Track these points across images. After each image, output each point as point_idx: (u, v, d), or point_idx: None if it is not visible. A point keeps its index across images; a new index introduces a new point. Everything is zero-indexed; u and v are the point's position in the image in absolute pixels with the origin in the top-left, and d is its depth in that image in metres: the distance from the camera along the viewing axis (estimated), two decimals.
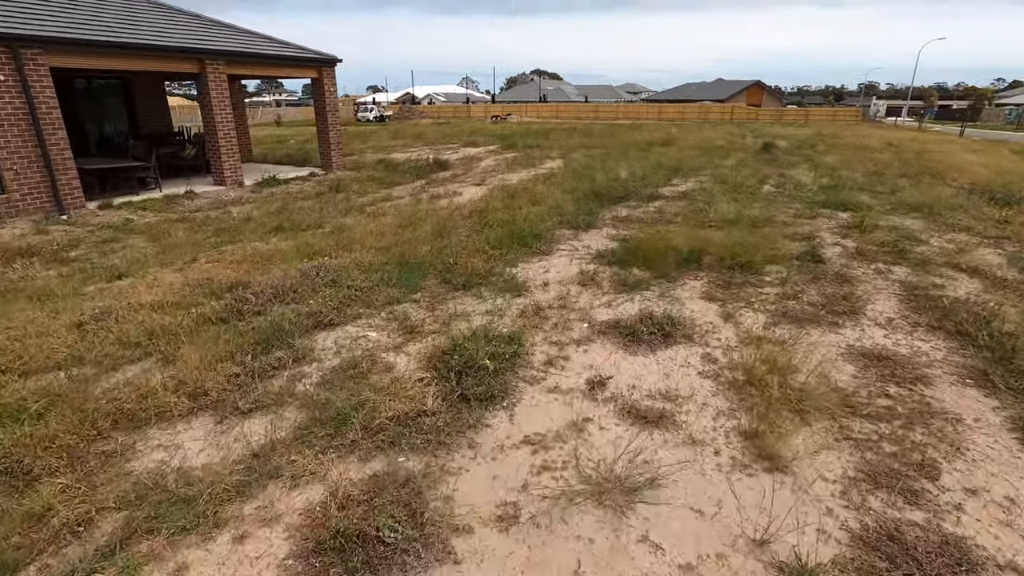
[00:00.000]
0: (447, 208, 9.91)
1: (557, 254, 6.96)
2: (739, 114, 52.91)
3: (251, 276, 6.15)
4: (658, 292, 5.55)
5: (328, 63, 15.50)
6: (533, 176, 13.67)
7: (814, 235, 7.56)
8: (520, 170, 15.06)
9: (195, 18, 14.07)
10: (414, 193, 12.07)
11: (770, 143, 18.40)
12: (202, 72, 12.63)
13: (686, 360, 4.14)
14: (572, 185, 11.72)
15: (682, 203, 9.84)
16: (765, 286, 5.68)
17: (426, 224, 8.50)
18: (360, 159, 18.79)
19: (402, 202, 10.90)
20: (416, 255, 6.71)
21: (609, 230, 8.10)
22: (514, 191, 11.16)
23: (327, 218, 9.55)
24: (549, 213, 8.94)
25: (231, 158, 13.46)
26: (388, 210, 9.99)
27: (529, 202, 10.02)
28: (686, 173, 13.33)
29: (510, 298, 5.44)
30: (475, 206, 9.75)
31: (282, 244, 7.68)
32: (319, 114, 15.91)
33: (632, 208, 9.58)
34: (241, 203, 12.06)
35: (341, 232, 8.21)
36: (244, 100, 18.05)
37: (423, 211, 9.57)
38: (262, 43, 14.33)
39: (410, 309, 5.22)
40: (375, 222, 8.79)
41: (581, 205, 9.49)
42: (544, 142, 22.35)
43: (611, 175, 13.01)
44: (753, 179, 12.03)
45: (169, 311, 5.14)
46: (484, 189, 12.01)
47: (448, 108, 67.17)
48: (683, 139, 21.72)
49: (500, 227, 8.11)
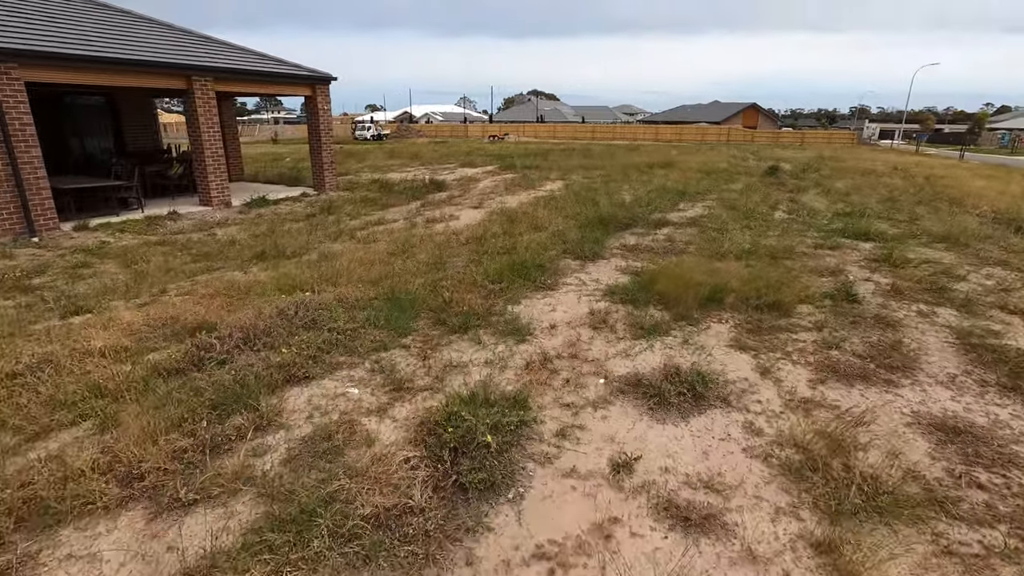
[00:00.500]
0: (443, 234, 9.27)
1: (563, 289, 6.30)
2: (736, 136, 52.90)
3: (222, 314, 5.46)
4: (680, 338, 4.88)
5: (322, 81, 14.97)
6: (533, 199, 13.07)
7: (841, 269, 6.93)
8: (519, 192, 14.48)
9: (185, 34, 13.53)
10: (409, 216, 11.44)
11: (775, 166, 17.93)
12: (189, 88, 12.05)
13: (725, 431, 3.45)
14: (575, 209, 11.11)
15: (692, 230, 9.23)
16: (799, 331, 5.02)
17: (420, 252, 7.84)
18: (355, 179, 18.20)
19: (395, 226, 10.26)
20: (408, 289, 6.04)
21: (618, 261, 7.45)
22: (514, 215, 10.55)
23: (314, 243, 8.88)
24: (552, 241, 8.30)
25: (218, 177, 12.83)
26: (380, 235, 9.34)
27: (530, 228, 9.39)
28: (692, 197, 12.76)
29: (513, 344, 4.75)
30: (473, 232, 9.11)
31: (262, 274, 6.99)
32: (312, 133, 15.35)
33: (640, 236, 8.95)
34: (227, 225, 11.40)
35: (328, 260, 7.54)
36: (236, 117, 17.49)
37: (417, 237, 8.92)
38: (253, 60, 13.80)
39: (399, 357, 4.53)
40: (365, 249, 8.13)
41: (586, 232, 8.86)
42: (543, 163, 21.85)
43: (615, 199, 12.42)
44: (764, 205, 11.46)
45: (121, 358, 4.43)
46: (482, 212, 11.39)
47: (446, 127, 67.09)
48: (685, 161, 21.26)
49: (500, 256, 7.46)
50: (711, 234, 8.78)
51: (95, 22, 11.93)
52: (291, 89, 14.65)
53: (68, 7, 12.22)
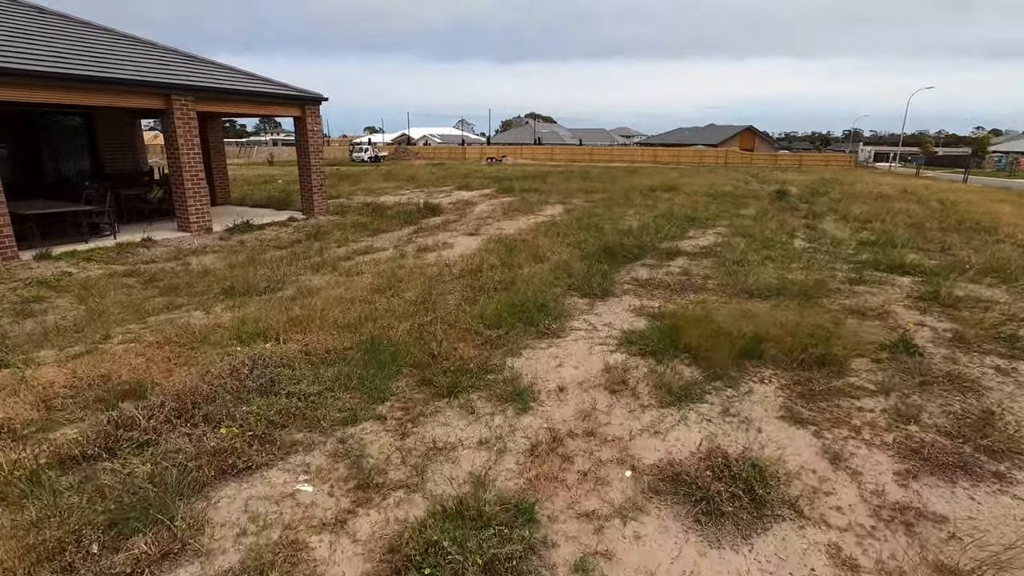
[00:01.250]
0: (435, 265, 8.38)
1: (571, 335, 5.38)
2: (733, 158, 52.59)
3: (167, 369, 4.53)
4: (718, 405, 3.96)
5: (312, 101, 14.23)
6: (533, 225, 12.23)
7: (886, 310, 6.04)
8: (518, 217, 13.64)
9: (167, 51, 12.80)
10: (399, 244, 10.56)
11: (783, 190, 17.19)
12: (168, 108, 11.25)
13: (804, 561, 2.51)
14: (578, 237, 10.25)
15: (709, 262, 8.35)
16: (861, 395, 4.10)
17: (408, 288, 6.94)
18: (347, 202, 17.39)
19: (384, 255, 9.37)
20: (390, 336, 5.12)
21: (631, 299, 6.55)
22: (512, 244, 9.68)
23: (293, 276, 7.97)
24: (555, 274, 7.41)
25: (198, 202, 11.97)
26: (366, 266, 8.44)
27: (530, 258, 8.51)
28: (703, 223, 11.93)
29: (513, 415, 3.82)
30: (467, 263, 8.23)
31: (226, 315, 6.06)
32: (301, 154, 14.56)
33: (652, 268, 8.07)
34: (204, 253, 10.51)
35: (303, 298, 6.62)
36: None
37: (406, 269, 8.02)
38: (240, 79, 13.05)
39: (371, 434, 3.59)
40: (347, 284, 7.22)
41: (592, 264, 7.98)
42: (542, 186, 21.11)
43: (620, 225, 11.59)
44: (781, 232, 10.63)
45: (18, 437, 3.49)
46: (478, 240, 10.53)
47: (444, 149, 66.80)
48: (688, 184, 20.53)
49: (497, 293, 6.56)
50: (731, 267, 7.90)
51: (71, 38, 11.18)
52: (280, 110, 13.89)
53: (42, 23, 11.49)
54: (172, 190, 12.04)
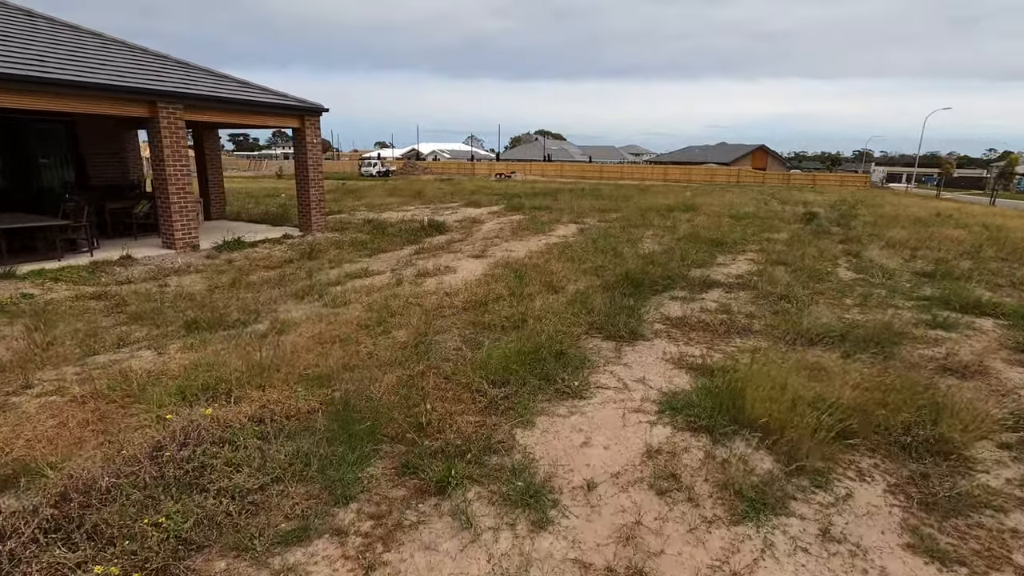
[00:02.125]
0: (435, 293, 7.30)
1: (597, 396, 4.26)
2: (746, 177, 51.53)
3: (76, 441, 3.46)
4: (813, 521, 2.81)
5: (311, 112, 13.33)
6: (544, 247, 11.16)
7: (983, 366, 4.88)
8: (528, 238, 12.59)
9: (157, 57, 11.96)
10: (398, 266, 9.51)
11: (812, 212, 16.04)
12: (153, 116, 10.36)
13: None
14: (595, 262, 9.16)
15: (748, 295, 7.22)
16: (1009, 507, 2.95)
17: (401, 324, 5.86)
18: (349, 218, 16.43)
19: (379, 280, 8.31)
20: (371, 392, 4.04)
21: (665, 344, 5.42)
22: (522, 269, 8.60)
23: (273, 305, 6.93)
24: (572, 309, 6.31)
25: (184, 217, 11.01)
26: (357, 294, 7.38)
27: (543, 287, 7.42)
28: (732, 248, 10.80)
29: (526, 531, 2.71)
30: (472, 293, 7.15)
31: (178, 357, 5.00)
32: (300, 168, 13.63)
33: (684, 302, 6.94)
34: (186, 272, 9.52)
35: (277, 335, 5.56)
36: (219, 149, 15.87)
37: (402, 299, 6.95)
38: (235, 87, 12.17)
39: (321, 566, 2.49)
40: (331, 318, 6.15)
41: (614, 296, 6.88)
42: (552, 204, 20.08)
43: (640, 249, 10.49)
44: (822, 260, 9.47)
45: None
46: (485, 264, 9.46)
47: (452, 165, 66.25)
48: (707, 204, 19.42)
49: (505, 332, 5.47)
50: (776, 303, 6.76)
51: (53, 42, 10.35)
52: (277, 120, 12.99)
53: (25, 25, 10.69)
54: (157, 204, 11.11)
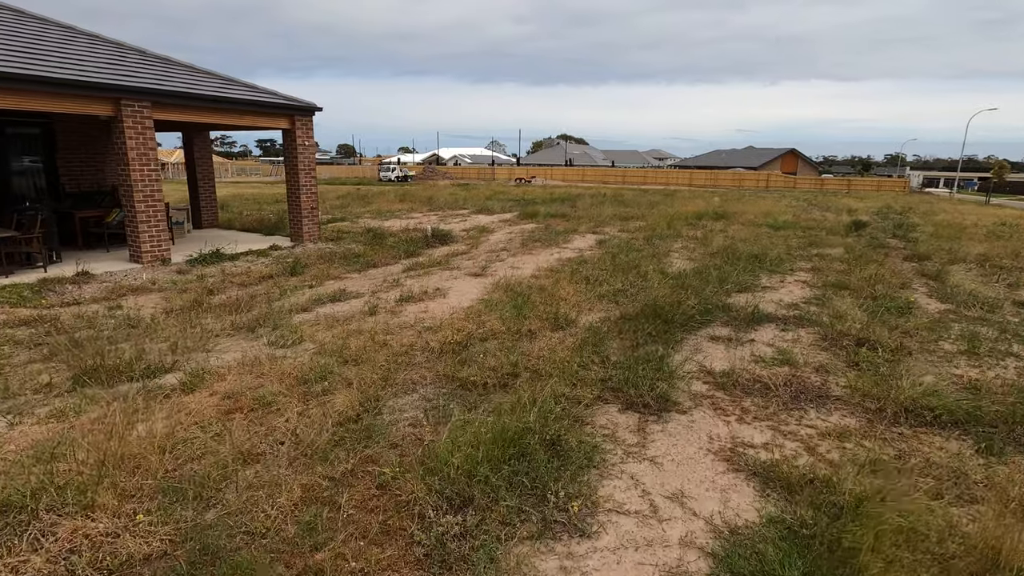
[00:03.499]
0: (411, 328, 5.82)
1: (609, 535, 2.71)
2: (775, 182, 49.12)
3: None
4: None
5: (302, 111, 12.04)
6: (556, 263, 9.62)
7: None
8: (538, 251, 11.05)
9: (132, 52, 10.79)
10: (382, 287, 8.08)
11: (861, 221, 14.14)
12: (116, 115, 9.15)
13: None
14: (613, 284, 7.59)
15: (811, 335, 5.56)
16: None
17: (349, 381, 4.38)
18: (351, 226, 15.13)
19: (352, 308, 6.87)
20: (255, 522, 2.57)
21: (710, 420, 3.83)
22: (525, 293, 7.08)
23: (211, 342, 5.53)
24: (581, 356, 4.76)
25: (153, 227, 9.78)
26: (318, 328, 5.94)
27: (546, 322, 5.88)
28: (777, 267, 9.09)
29: None
30: (456, 328, 5.64)
31: (29, 432, 3.60)
32: (290, 173, 12.34)
33: (729, 345, 5.32)
34: (147, 291, 8.26)
35: (182, 393, 4.15)
36: (211, 153, 14.73)
37: (368, 335, 5.48)
38: (216, 84, 10.93)
39: None
40: (267, 365, 4.71)
41: (636, 335, 5.31)
42: (570, 211, 18.50)
43: (668, 266, 8.88)
44: (892, 283, 7.72)
45: None
46: (483, 285, 7.95)
47: (473, 170, 65.08)
48: (740, 212, 17.60)
49: (488, 393, 3.97)
50: (855, 350, 5.09)
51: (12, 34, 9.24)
52: (265, 120, 11.71)
53: None
54: (126, 214, 9.89)
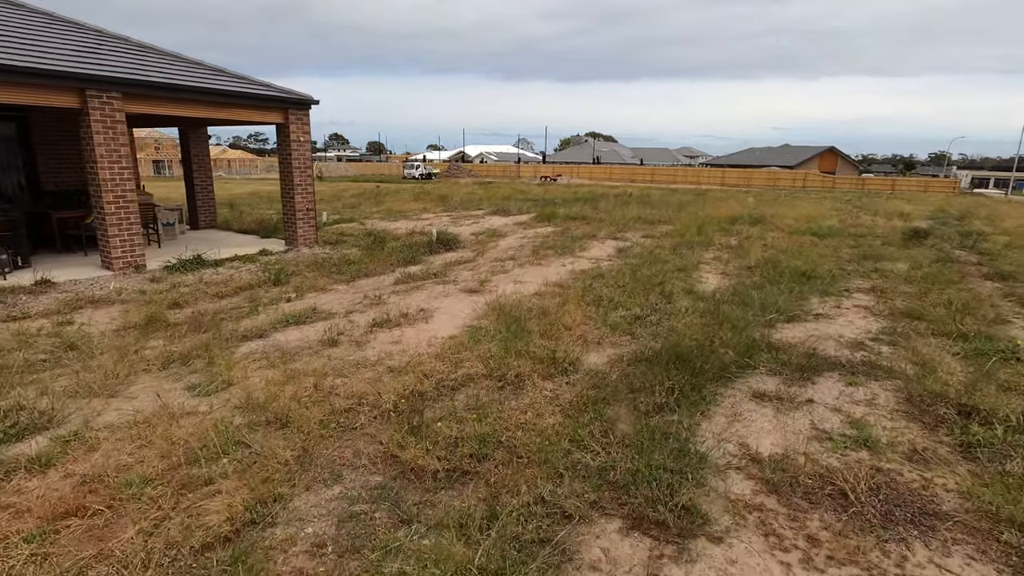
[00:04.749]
0: (371, 368, 4.63)
1: None
2: (813, 182, 46.53)
3: None
4: None
5: (297, 104, 11.00)
6: (566, 276, 8.32)
7: None
8: (549, 261, 9.76)
9: (108, 39, 9.88)
10: (360, 305, 6.92)
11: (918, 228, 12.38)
12: (82, 107, 8.23)
13: None
14: (632, 308, 6.26)
15: (892, 395, 4.16)
16: None
17: (267, 449, 3.21)
18: (358, 227, 14.10)
19: (315, 333, 5.72)
20: None
21: (755, 558, 2.51)
22: (523, 319, 5.83)
23: (128, 380, 4.44)
24: (578, 425, 3.50)
25: (124, 231, 8.85)
26: (262, 363, 4.81)
27: (540, 364, 4.61)
28: (829, 286, 7.60)
29: None
30: (425, 371, 4.43)
31: None
32: (284, 170, 11.33)
33: (778, 407, 3.97)
34: (108, 303, 7.32)
35: (32, 471, 3.05)
36: (208, 150, 13.87)
37: (314, 377, 4.32)
38: (201, 74, 9.95)
39: None
40: (161, 431, 3.58)
41: (655, 390, 4.01)
42: (591, 212, 17.11)
43: (697, 283, 7.49)
44: (976, 311, 6.18)
45: None
46: (476, 305, 6.72)
47: (498, 168, 63.90)
48: (778, 215, 15.92)
49: (435, 490, 2.75)
50: (963, 424, 3.68)
51: None
52: (255, 114, 10.70)
53: None
54: (96, 216, 8.99)
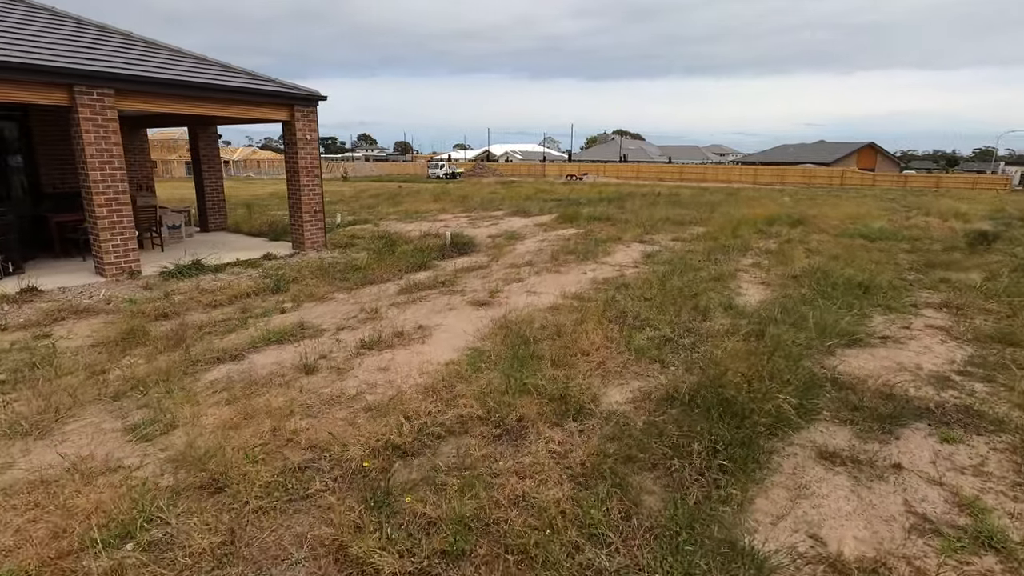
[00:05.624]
0: (347, 405, 3.85)
1: None
2: (851, 179, 44.30)
3: None
4: None
5: (304, 100, 10.37)
6: (587, 286, 7.43)
7: None
8: (569, 268, 8.88)
9: (115, 35, 9.40)
10: (354, 320, 6.18)
11: (982, 231, 11.05)
12: (71, 104, 7.71)
13: None
14: (660, 327, 5.35)
15: (1002, 457, 3.19)
16: None
17: (181, 531, 2.45)
18: (371, 229, 13.44)
19: (294, 355, 4.98)
20: None
21: None
22: (534, 340, 4.97)
23: (54, 418, 3.77)
24: (587, 504, 2.65)
25: (118, 236, 8.32)
26: (220, 396, 4.08)
27: (548, 405, 3.76)
28: (892, 301, 6.52)
29: None
30: (408, 412, 3.63)
31: None
32: (290, 170, 10.72)
33: (856, 480, 3.02)
34: (94, 314, 6.79)
35: None
36: (218, 150, 13.40)
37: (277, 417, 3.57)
38: (201, 70, 9.36)
39: None
40: (62, 498, 2.86)
41: (692, 448, 3.12)
42: (617, 213, 16.11)
43: (734, 296, 6.51)
44: None
45: None
46: (482, 322, 5.89)
47: (523, 167, 63.00)
48: (819, 216, 14.66)
49: None
50: None
51: None
52: (258, 111, 10.09)
53: None
54: (88, 220, 8.49)
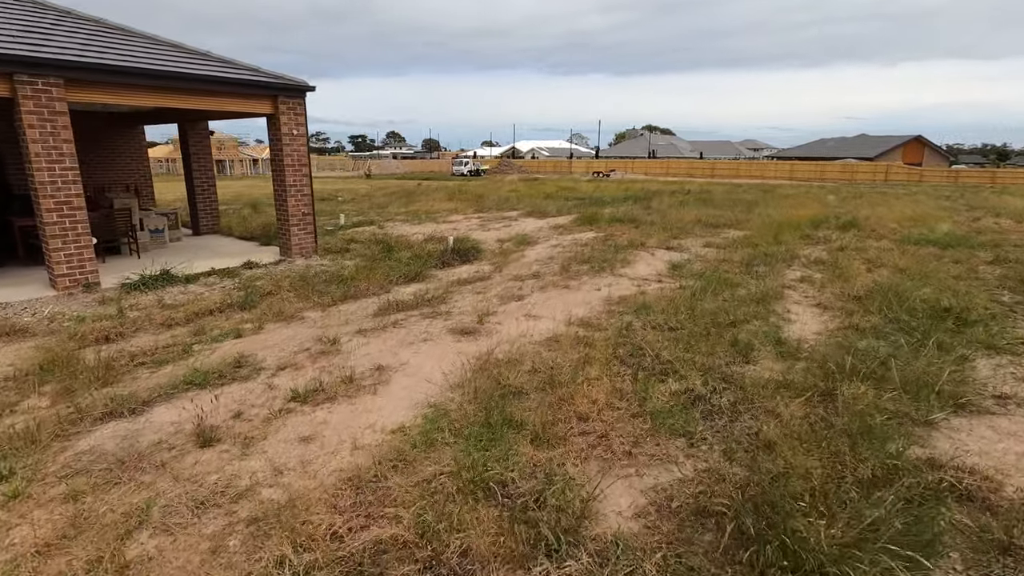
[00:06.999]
0: (226, 510, 2.61)
1: None
2: (896, 174, 41.37)
3: None
4: None
5: (289, 91, 9.23)
6: (600, 305, 6.07)
7: None
8: (580, 282, 7.51)
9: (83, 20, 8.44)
10: (305, 353, 4.97)
11: None
12: (12, 96, 6.74)
13: None
14: (687, 375, 3.97)
15: None
16: None
17: None
18: (374, 231, 12.32)
19: (195, 411, 3.78)
20: None
21: None
22: (519, 392, 3.68)
23: None
24: None
25: (70, 244, 7.34)
26: (64, 479, 2.90)
27: (518, 522, 2.46)
28: (992, 332, 4.97)
29: None
30: (310, 531, 2.38)
31: None
32: (276, 170, 9.63)
33: None
34: (29, 336, 5.82)
35: None
36: (210, 147, 12.44)
37: (104, 538, 2.36)
38: (172, 57, 8.30)
39: None
40: None
41: None
42: (642, 214, 14.58)
43: (780, 326, 5.06)
44: None
45: None
46: (459, 361, 4.60)
47: (549, 163, 61.40)
48: (872, 217, 12.82)
49: None
50: None
51: None
52: (238, 103, 8.98)
53: None
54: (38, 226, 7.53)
